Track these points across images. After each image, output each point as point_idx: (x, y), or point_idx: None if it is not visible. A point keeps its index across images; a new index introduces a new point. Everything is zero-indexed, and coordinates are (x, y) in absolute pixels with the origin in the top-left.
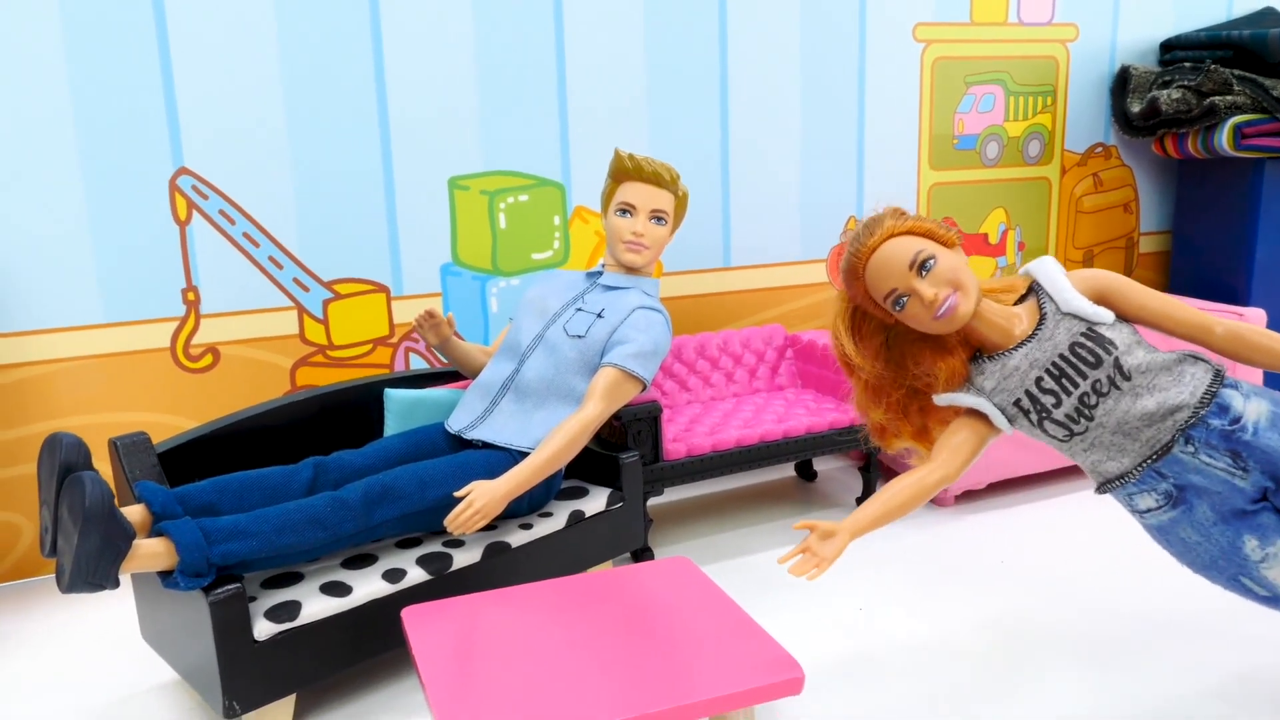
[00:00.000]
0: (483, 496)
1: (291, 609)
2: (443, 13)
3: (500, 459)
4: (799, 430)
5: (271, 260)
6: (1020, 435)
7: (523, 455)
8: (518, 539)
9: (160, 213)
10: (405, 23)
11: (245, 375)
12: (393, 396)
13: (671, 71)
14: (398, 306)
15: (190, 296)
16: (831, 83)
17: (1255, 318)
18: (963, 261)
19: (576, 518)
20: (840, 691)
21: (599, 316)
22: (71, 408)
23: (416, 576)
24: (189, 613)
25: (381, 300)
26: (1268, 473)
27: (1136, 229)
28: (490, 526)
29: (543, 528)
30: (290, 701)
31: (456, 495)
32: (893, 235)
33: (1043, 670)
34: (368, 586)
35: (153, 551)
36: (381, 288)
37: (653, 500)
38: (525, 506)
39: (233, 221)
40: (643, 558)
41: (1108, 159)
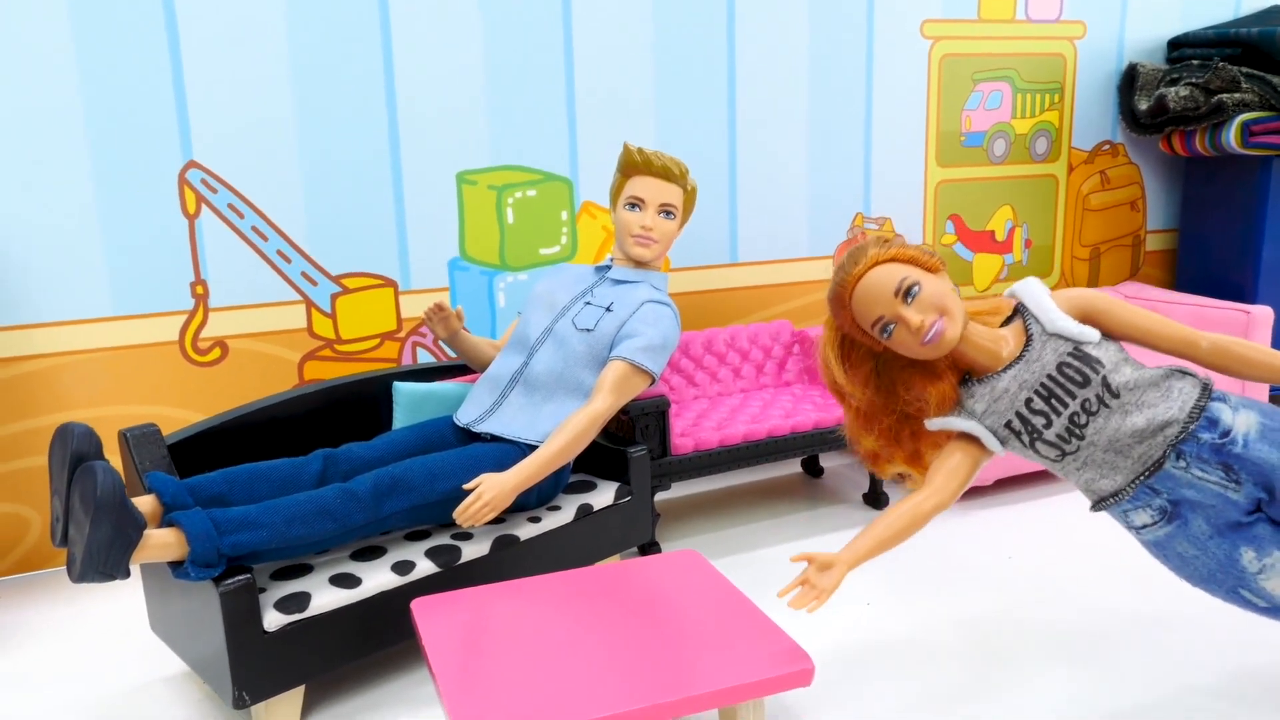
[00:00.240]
0: (492, 489)
1: (301, 600)
2: (451, 8)
3: (509, 452)
4: (806, 425)
5: (280, 254)
6: None
7: (531, 448)
8: (526, 532)
9: (169, 206)
10: (414, 18)
11: (253, 369)
12: (401, 389)
13: (680, 68)
14: (405, 301)
15: (199, 290)
16: (839, 79)
17: (1262, 315)
18: (948, 287)
19: (584, 511)
20: (848, 685)
21: (608, 310)
22: (80, 400)
23: (425, 569)
24: (199, 604)
25: (389, 295)
26: (1260, 484)
27: (1143, 227)
28: (499, 519)
29: (551, 521)
30: (299, 693)
31: (466, 488)
32: (877, 263)
33: (1045, 667)
34: (377, 578)
35: (163, 542)
36: (389, 282)
37: (660, 495)
38: (534, 500)
39: (241, 215)
40: (650, 552)
41: (1115, 156)
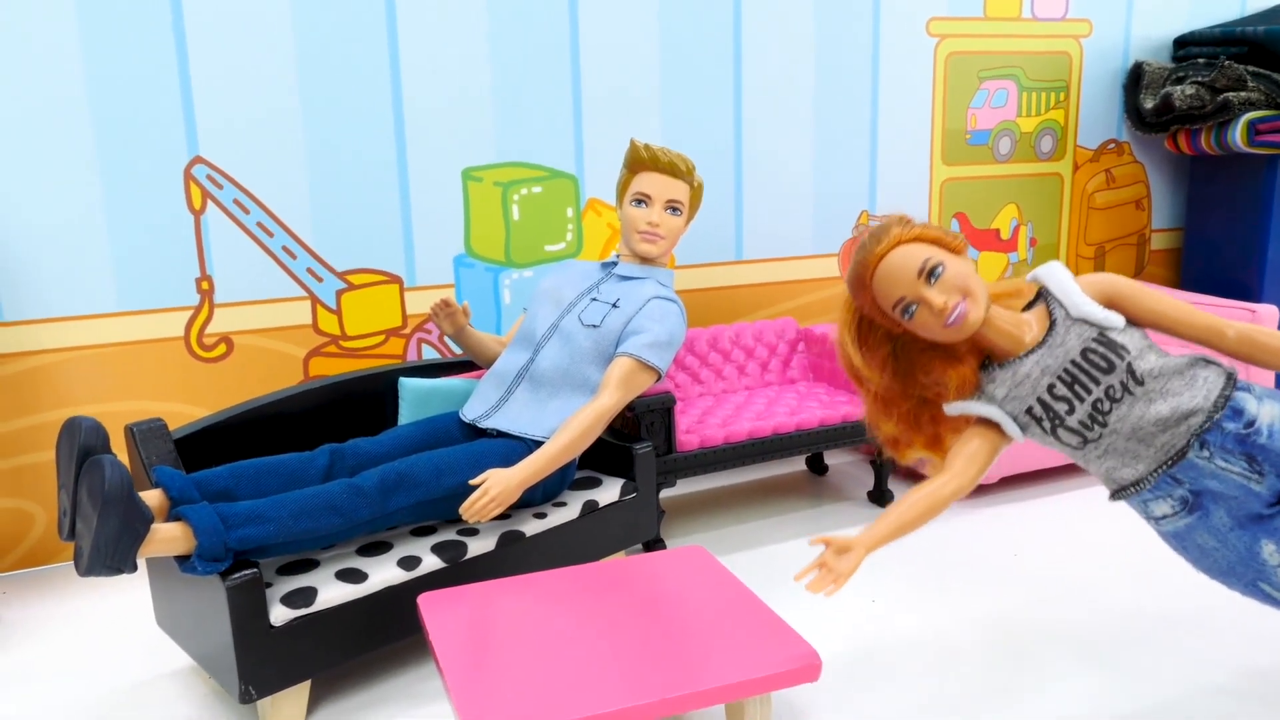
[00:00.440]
0: (498, 484)
1: (308, 595)
2: (458, 4)
3: (515, 448)
4: (811, 423)
5: (285, 250)
6: None
7: (537, 444)
8: (532, 528)
9: (175, 202)
10: (420, 14)
11: (258, 365)
12: (407, 385)
13: (685, 65)
14: (411, 297)
15: (204, 286)
16: (845, 77)
17: (1268, 315)
18: (971, 268)
19: (590, 508)
20: (854, 682)
21: (614, 306)
22: (85, 396)
23: (432, 564)
24: (205, 598)
25: (394, 291)
26: None
27: (1148, 225)
28: (505, 515)
29: (557, 517)
30: (305, 688)
31: (472, 483)
32: (900, 243)
33: (1052, 666)
34: (383, 573)
35: (170, 536)
36: (395, 278)
37: (665, 492)
38: (539, 496)
39: (247, 211)
40: (655, 548)
41: (1120, 155)
